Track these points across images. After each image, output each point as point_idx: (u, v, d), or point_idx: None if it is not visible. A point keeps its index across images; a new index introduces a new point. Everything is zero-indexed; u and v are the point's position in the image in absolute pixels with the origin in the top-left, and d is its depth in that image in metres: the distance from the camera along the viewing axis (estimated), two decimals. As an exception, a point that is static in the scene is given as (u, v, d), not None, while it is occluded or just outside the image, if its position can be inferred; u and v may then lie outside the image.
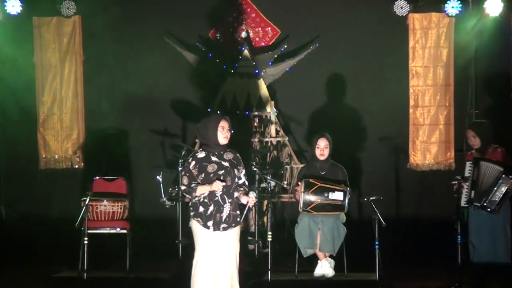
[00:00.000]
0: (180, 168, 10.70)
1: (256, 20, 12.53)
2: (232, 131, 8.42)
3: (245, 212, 8.34)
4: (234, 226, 8.32)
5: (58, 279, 10.14)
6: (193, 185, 8.28)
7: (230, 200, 8.31)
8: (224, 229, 8.28)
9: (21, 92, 12.40)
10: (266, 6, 12.52)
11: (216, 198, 8.28)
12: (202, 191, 8.24)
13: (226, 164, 8.37)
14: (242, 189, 8.36)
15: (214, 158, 8.37)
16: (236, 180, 8.38)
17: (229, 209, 8.31)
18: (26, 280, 10.47)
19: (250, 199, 8.20)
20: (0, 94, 12.35)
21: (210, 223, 8.25)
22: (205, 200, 8.28)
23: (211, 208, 8.26)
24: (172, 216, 10.90)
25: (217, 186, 8.16)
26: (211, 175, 8.26)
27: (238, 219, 8.35)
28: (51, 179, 12.41)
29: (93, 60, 12.43)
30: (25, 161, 12.40)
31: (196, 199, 8.29)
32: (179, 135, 12.15)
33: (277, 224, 10.99)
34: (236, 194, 8.33)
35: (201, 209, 8.29)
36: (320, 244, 9.95)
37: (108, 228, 10.53)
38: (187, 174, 8.37)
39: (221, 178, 8.24)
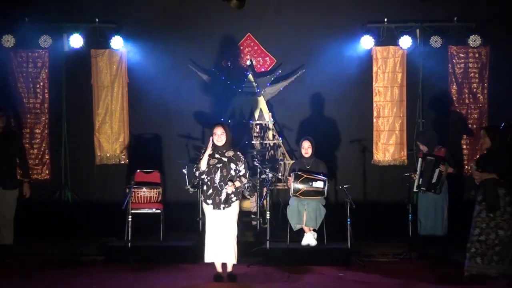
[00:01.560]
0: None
1: (257, 52, 12.49)
2: (224, 135, 8.53)
3: (225, 195, 8.46)
4: (229, 206, 8.46)
5: (109, 247, 10.18)
6: (199, 164, 8.49)
7: (226, 187, 8.45)
8: (223, 208, 8.46)
9: (82, 106, 12.40)
10: (265, 41, 12.47)
11: (215, 185, 8.46)
12: (204, 160, 8.47)
13: (225, 159, 8.57)
14: (239, 180, 8.51)
15: (217, 155, 8.59)
16: (232, 172, 8.48)
17: (226, 193, 8.43)
18: (86, 247, 10.56)
19: (230, 186, 8.43)
20: (66, 108, 12.34)
21: (209, 201, 8.49)
22: (209, 183, 8.49)
23: (210, 191, 8.47)
24: (194, 200, 10.98)
25: (208, 148, 8.50)
26: (211, 166, 8.48)
27: (231, 201, 8.48)
28: (104, 172, 12.38)
29: (135, 82, 12.40)
30: (85, 158, 12.36)
31: (202, 176, 8.55)
32: (199, 138, 12.07)
33: (273, 205, 11.02)
34: (230, 182, 8.48)
35: (205, 188, 8.56)
36: (306, 220, 10.00)
37: (146, 209, 10.58)
38: (197, 164, 8.57)
39: (218, 169, 8.46)
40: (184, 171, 10.87)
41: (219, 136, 8.55)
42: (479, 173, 8.33)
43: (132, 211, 10.05)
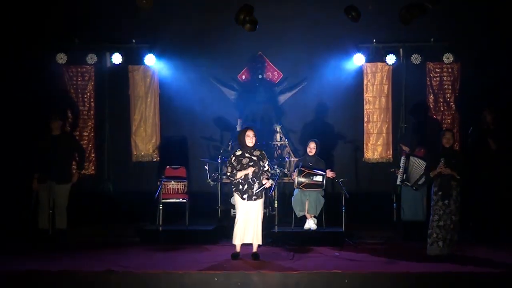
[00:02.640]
0: (219, 161, 10.82)
1: (267, 67, 12.49)
2: (255, 137, 8.62)
3: (261, 189, 8.52)
4: (260, 198, 8.53)
5: (144, 230, 10.30)
6: (234, 171, 8.46)
7: (258, 181, 8.50)
8: (255, 199, 8.48)
9: (121, 113, 12.43)
10: (274, 58, 12.48)
11: (248, 180, 8.47)
12: (241, 174, 8.45)
13: (255, 158, 8.57)
14: (265, 174, 8.52)
15: (247, 155, 8.61)
16: (261, 168, 8.52)
17: (257, 187, 8.46)
18: (124, 230, 10.63)
19: (268, 182, 8.48)
20: (108, 114, 12.38)
21: (245, 196, 8.48)
22: (242, 181, 8.48)
23: (246, 186, 8.46)
24: (214, 191, 11.03)
25: (249, 170, 8.43)
26: (244, 165, 8.48)
27: (262, 194, 8.52)
28: (139, 168, 12.39)
29: (166, 92, 12.42)
30: (124, 156, 12.39)
31: (237, 180, 8.47)
32: (218, 140, 12.12)
33: (280, 196, 11.04)
34: (261, 177, 8.47)
35: (240, 187, 8.51)
36: (308, 208, 10.09)
37: (174, 199, 10.65)
38: (230, 165, 8.59)
39: (249, 166, 8.48)
40: (206, 167, 10.92)
41: (252, 138, 8.58)
42: (445, 169, 8.53)
43: (163, 201, 10.16)
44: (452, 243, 8.53)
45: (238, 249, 8.64)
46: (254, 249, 8.63)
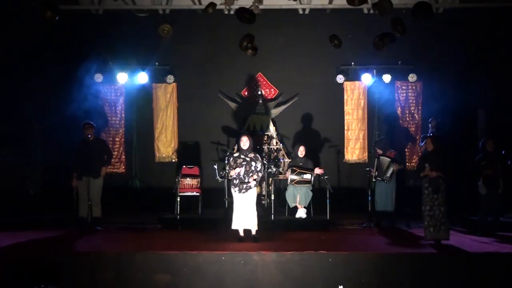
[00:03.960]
0: (226, 162, 10.81)
1: (265, 85, 12.51)
2: (248, 142, 8.59)
3: (245, 184, 8.51)
4: (249, 190, 8.53)
5: (164, 218, 10.21)
6: (230, 169, 8.55)
7: (248, 178, 8.50)
8: (244, 193, 8.50)
9: (146, 122, 12.43)
10: (271, 77, 12.50)
11: (240, 177, 8.49)
12: (233, 172, 8.51)
13: (248, 159, 8.57)
14: (255, 174, 8.54)
15: (242, 156, 8.61)
16: (253, 168, 8.52)
17: (248, 182, 8.47)
18: (148, 218, 10.55)
19: (253, 182, 8.50)
20: (136, 124, 12.41)
21: (236, 189, 8.52)
22: (236, 177, 8.51)
23: (237, 181, 8.52)
24: (222, 186, 10.97)
25: (239, 169, 8.46)
26: (238, 163, 8.52)
27: (251, 187, 8.52)
28: (161, 167, 12.38)
29: (182, 105, 12.43)
30: (148, 158, 12.38)
31: (231, 176, 8.57)
32: (225, 144, 12.08)
33: (276, 190, 11.04)
34: (250, 175, 8.51)
35: (234, 181, 8.58)
36: (299, 200, 10.08)
37: (189, 192, 10.61)
38: (229, 164, 8.64)
39: (242, 165, 8.47)
40: (215, 166, 10.92)
41: (245, 142, 8.59)
42: (431, 172, 8.45)
43: (180, 194, 10.14)
44: (444, 230, 8.41)
45: (241, 233, 8.66)
46: (253, 233, 8.63)
